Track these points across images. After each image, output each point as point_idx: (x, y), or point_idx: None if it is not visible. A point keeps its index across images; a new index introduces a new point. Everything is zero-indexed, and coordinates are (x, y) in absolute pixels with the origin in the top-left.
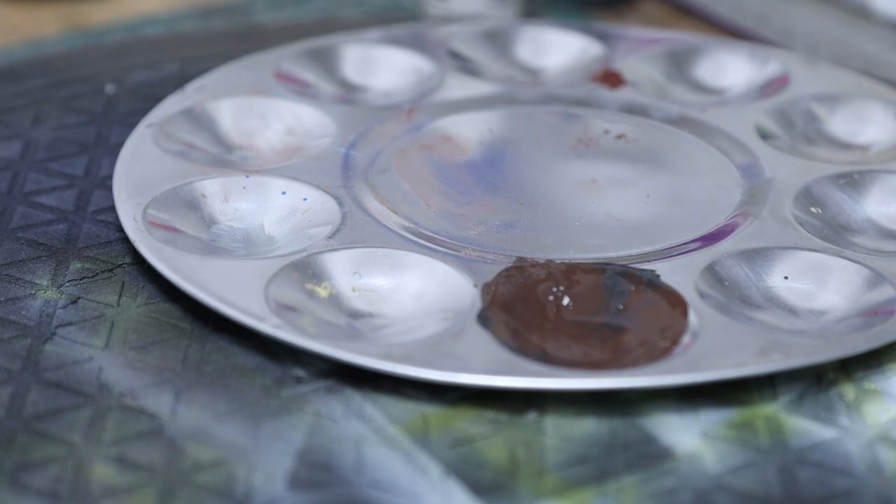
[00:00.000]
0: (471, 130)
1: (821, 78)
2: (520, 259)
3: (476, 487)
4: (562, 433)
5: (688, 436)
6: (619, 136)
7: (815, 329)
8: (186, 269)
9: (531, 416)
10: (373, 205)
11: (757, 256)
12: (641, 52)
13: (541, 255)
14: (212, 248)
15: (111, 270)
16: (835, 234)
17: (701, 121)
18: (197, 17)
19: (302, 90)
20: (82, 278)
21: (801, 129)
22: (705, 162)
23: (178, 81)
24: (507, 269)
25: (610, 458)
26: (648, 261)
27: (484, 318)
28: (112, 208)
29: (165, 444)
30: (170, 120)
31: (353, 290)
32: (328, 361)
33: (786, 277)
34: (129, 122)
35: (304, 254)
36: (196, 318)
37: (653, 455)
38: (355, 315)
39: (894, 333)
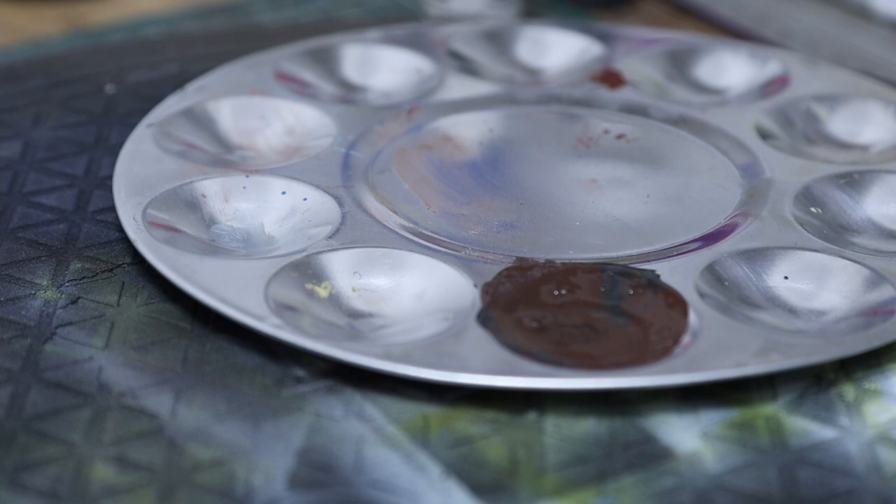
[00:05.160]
0: (471, 130)
1: (821, 78)
2: (520, 259)
3: (476, 487)
4: (562, 433)
5: (688, 436)
6: (619, 136)
7: (815, 329)
8: (186, 269)
9: (531, 416)
10: (373, 205)
11: (757, 256)
12: (641, 52)
13: (541, 255)
14: (212, 248)
15: (111, 270)
16: (835, 234)
17: (701, 121)
18: (197, 17)
19: (302, 90)
20: (82, 278)
21: (801, 129)
22: (705, 162)
23: (178, 81)
24: (507, 269)
25: (610, 458)
26: (648, 261)
27: (484, 318)
28: (112, 208)
29: (165, 444)
30: (170, 120)
31: (353, 290)
32: (328, 361)
33: (786, 277)
34: (129, 122)
35: (304, 254)
36: (196, 318)
37: (653, 455)
38: (355, 315)
39: (894, 333)
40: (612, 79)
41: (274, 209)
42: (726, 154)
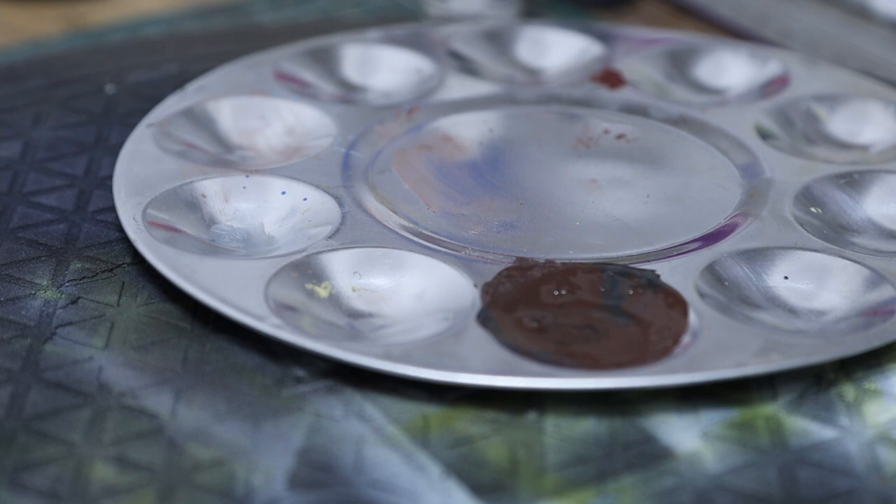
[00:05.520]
0: (471, 130)
1: (821, 78)
2: (520, 259)
3: (476, 487)
4: (562, 433)
5: (688, 436)
6: (619, 136)
7: (815, 329)
8: (186, 269)
9: (531, 416)
10: (373, 205)
11: (757, 256)
12: (641, 52)
13: (541, 255)
14: (212, 248)
15: (111, 270)
16: (835, 234)
17: (701, 121)
18: (197, 17)
19: (302, 90)
20: (82, 278)
21: (801, 129)
22: (705, 162)
23: (178, 81)
24: (507, 269)
25: (610, 458)
26: (648, 261)
27: (484, 318)
28: (112, 208)
29: (165, 444)
30: (170, 120)
31: (353, 290)
32: (328, 361)
33: (786, 277)
34: (129, 122)
35: (304, 254)
36: (196, 318)
37: (653, 455)
38: (355, 315)
39: (894, 333)
40: (612, 79)
41: (274, 209)
42: (726, 154)
